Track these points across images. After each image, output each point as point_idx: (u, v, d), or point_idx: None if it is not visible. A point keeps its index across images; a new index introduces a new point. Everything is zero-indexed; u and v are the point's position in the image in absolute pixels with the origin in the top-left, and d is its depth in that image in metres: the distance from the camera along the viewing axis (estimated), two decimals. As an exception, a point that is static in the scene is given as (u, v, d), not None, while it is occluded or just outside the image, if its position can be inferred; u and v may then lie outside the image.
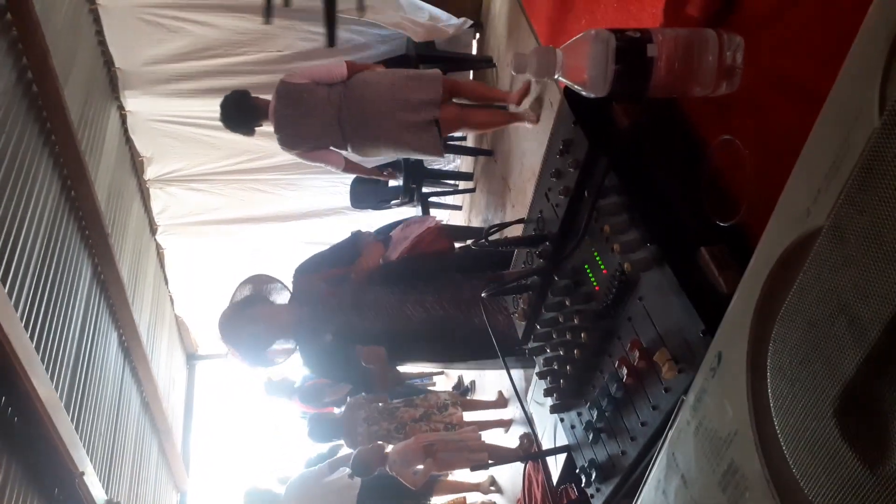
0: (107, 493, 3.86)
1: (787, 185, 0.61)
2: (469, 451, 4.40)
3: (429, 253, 2.92)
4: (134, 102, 4.81)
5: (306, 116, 3.47)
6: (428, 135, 3.52)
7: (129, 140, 5.02)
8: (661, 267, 0.94)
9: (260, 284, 2.74)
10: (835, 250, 0.54)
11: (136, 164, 5.21)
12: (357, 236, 2.93)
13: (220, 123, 4.80)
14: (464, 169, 5.61)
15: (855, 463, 0.54)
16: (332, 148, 3.68)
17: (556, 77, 0.96)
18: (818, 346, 0.56)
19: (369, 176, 4.39)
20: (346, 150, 3.67)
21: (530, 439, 4.22)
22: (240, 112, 3.59)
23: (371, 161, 4.31)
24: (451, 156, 5.35)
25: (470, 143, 5.28)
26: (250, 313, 2.60)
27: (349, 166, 3.88)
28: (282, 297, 2.75)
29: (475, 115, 3.81)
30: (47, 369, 3.13)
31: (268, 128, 3.61)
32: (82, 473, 3.33)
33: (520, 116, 3.77)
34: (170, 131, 5.07)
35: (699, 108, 1.01)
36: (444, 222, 3.12)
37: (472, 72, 5.13)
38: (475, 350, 2.55)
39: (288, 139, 3.58)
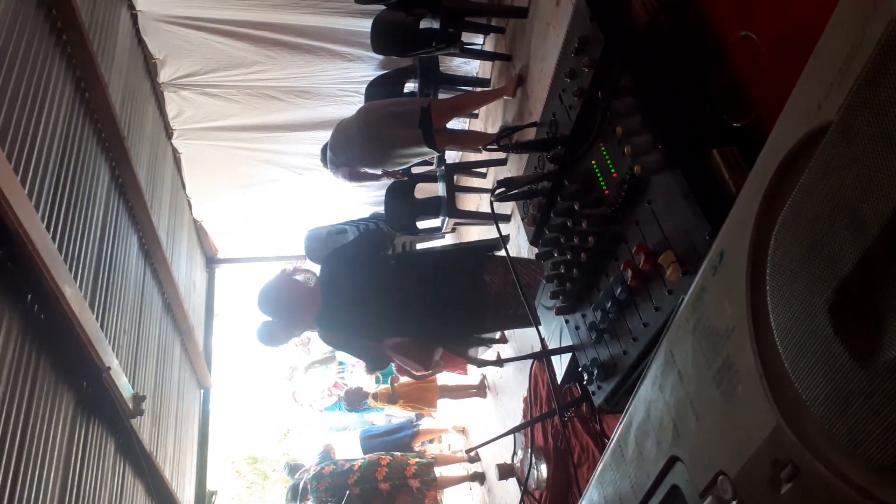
0: (133, 387, 4.03)
1: (801, 78, 0.59)
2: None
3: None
4: (144, 1, 4.69)
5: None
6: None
7: (141, 41, 4.92)
8: (672, 169, 0.94)
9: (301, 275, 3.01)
10: (842, 146, 0.53)
11: (150, 67, 5.13)
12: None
13: (231, 30, 4.74)
14: (480, 75, 5.45)
15: (845, 358, 0.55)
16: None
17: (571, -31, 0.92)
18: (818, 243, 0.56)
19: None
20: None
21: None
22: None
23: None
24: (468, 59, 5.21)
25: (488, 47, 5.12)
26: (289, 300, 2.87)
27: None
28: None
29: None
30: (70, 269, 3.21)
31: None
32: (108, 368, 3.46)
33: (502, 92, 4.48)
34: (182, 34, 4.95)
35: (719, 4, 0.97)
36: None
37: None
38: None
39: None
